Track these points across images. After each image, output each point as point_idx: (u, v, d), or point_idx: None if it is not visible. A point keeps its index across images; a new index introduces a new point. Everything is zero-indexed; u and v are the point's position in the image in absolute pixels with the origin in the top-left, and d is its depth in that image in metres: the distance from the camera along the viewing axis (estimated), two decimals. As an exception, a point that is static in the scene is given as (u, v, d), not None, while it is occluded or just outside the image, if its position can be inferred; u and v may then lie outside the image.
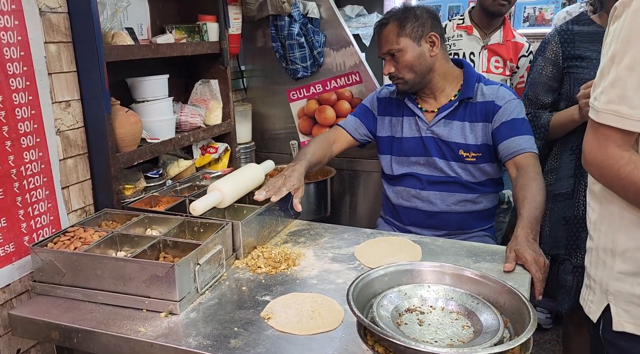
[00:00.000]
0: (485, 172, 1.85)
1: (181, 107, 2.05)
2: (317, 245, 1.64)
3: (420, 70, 1.79)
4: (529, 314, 0.90)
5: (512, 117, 1.76)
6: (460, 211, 1.87)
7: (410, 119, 1.91)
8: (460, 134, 1.82)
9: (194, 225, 1.54)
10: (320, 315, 1.23)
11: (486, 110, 1.80)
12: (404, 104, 1.92)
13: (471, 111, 1.82)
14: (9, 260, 1.36)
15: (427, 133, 1.86)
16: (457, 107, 1.82)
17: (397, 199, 1.96)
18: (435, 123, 1.85)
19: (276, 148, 2.65)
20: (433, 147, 1.86)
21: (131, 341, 1.17)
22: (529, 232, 1.44)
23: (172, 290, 1.25)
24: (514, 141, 1.74)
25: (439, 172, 1.87)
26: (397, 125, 1.94)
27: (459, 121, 1.82)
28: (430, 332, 0.96)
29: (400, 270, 1.09)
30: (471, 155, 1.82)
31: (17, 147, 1.35)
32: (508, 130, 1.76)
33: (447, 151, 1.84)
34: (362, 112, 2.05)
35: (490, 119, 1.79)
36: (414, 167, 1.91)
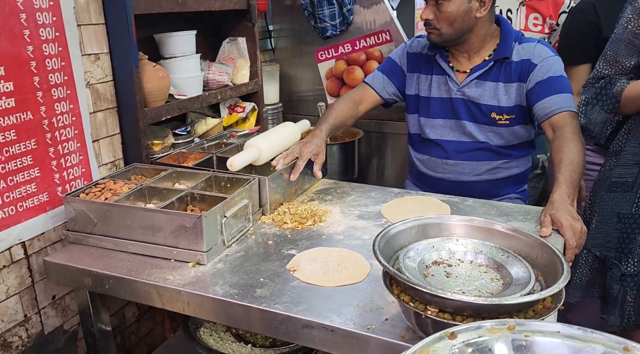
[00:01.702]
0: (517, 134, 1.77)
1: (209, 65, 2.03)
2: (343, 203, 1.63)
3: (459, 28, 1.66)
4: (562, 267, 0.87)
5: (548, 75, 1.65)
6: (490, 179, 1.80)
7: (440, 78, 1.81)
8: (493, 96, 1.73)
9: (221, 180, 1.54)
10: (345, 268, 1.22)
11: (521, 69, 1.69)
12: (434, 61, 1.82)
13: (506, 71, 1.71)
14: (43, 209, 1.40)
15: (457, 94, 1.77)
16: (492, 67, 1.72)
17: (423, 168, 1.89)
18: (467, 84, 1.75)
19: (304, 110, 2.63)
20: (463, 109, 1.77)
21: (160, 287, 1.20)
22: (566, 197, 1.37)
23: (199, 240, 1.26)
24: (550, 100, 1.63)
25: (467, 137, 1.78)
26: (425, 83, 1.84)
27: (492, 82, 1.73)
28: (458, 284, 0.94)
29: (428, 223, 1.06)
30: (504, 117, 1.73)
31: (49, 98, 1.37)
32: (544, 89, 1.65)
33: (478, 114, 1.75)
34: (390, 68, 1.92)
35: (525, 79, 1.69)
36: (441, 131, 1.82)
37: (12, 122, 1.28)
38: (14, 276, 1.35)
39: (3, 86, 1.25)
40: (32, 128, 1.34)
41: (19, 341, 1.38)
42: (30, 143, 1.34)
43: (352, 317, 1.04)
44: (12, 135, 1.29)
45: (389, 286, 0.95)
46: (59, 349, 1.50)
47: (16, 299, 1.36)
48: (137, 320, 1.82)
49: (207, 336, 1.68)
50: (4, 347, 1.34)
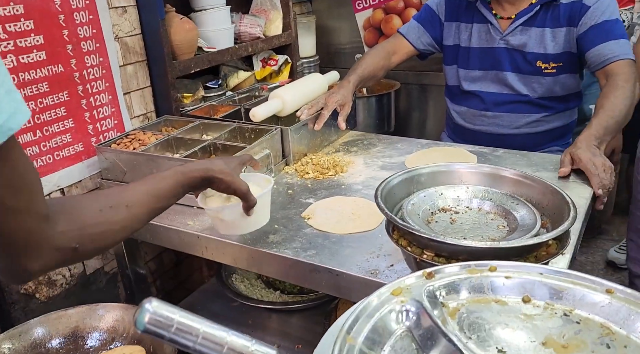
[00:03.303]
0: (564, 85, 1.64)
1: (240, 17, 2.02)
2: (368, 154, 1.61)
3: None
4: (569, 212, 0.82)
5: (602, 19, 1.50)
6: (531, 132, 1.70)
7: (481, 26, 1.69)
8: (539, 43, 1.60)
9: (245, 131, 1.56)
10: (359, 217, 1.22)
11: (571, 11, 1.55)
12: (474, 8, 1.70)
13: (553, 15, 1.57)
14: (79, 158, 1.48)
15: (500, 43, 1.65)
16: (538, 12, 1.59)
17: (460, 120, 1.82)
18: (511, 32, 1.62)
19: (341, 63, 2.58)
20: (506, 59, 1.66)
21: (180, 232, 1.25)
22: (593, 138, 1.29)
23: (218, 188, 1.30)
24: (605, 47, 1.49)
25: (508, 90, 1.68)
26: (465, 32, 1.73)
27: (538, 27, 1.60)
28: (462, 231, 0.91)
29: (436, 170, 1.03)
30: (550, 66, 1.61)
31: (78, 51, 1.42)
32: (598, 34, 1.51)
33: (523, 63, 1.64)
34: (427, 17, 1.82)
35: (575, 23, 1.55)
36: (480, 82, 1.72)
37: (44, 74, 1.35)
38: (55, 220, 1.45)
39: (34, 39, 1.31)
40: (64, 80, 1.40)
41: (63, 279, 1.50)
42: (63, 95, 1.41)
43: (358, 262, 1.05)
44: (45, 87, 1.36)
45: (390, 231, 0.94)
46: (100, 289, 1.63)
47: (58, 241, 1.47)
48: (175, 266, 1.93)
49: (238, 282, 1.76)
50: (49, 284, 1.46)
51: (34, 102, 1.34)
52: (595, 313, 0.58)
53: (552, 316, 0.60)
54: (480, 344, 0.56)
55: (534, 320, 0.59)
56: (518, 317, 0.60)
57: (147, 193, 0.83)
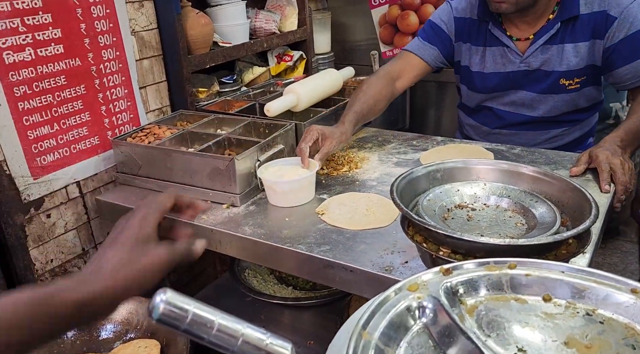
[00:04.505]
0: (588, 97, 1.55)
1: (256, 12, 2.02)
2: (383, 150, 1.59)
3: None
4: (590, 210, 0.80)
5: (632, 30, 1.38)
6: (549, 136, 1.62)
7: (496, 50, 1.55)
8: (561, 60, 1.48)
9: (260, 126, 1.56)
10: (373, 213, 1.21)
11: (595, 23, 1.43)
12: (486, 31, 1.55)
13: (575, 29, 1.45)
14: (94, 151, 1.49)
15: (520, 67, 1.52)
16: (559, 29, 1.46)
17: (472, 134, 1.74)
18: (532, 53, 1.50)
19: (356, 59, 2.56)
20: (525, 81, 1.54)
21: (194, 226, 1.25)
22: (618, 140, 1.25)
23: (232, 183, 1.30)
24: (638, 64, 1.40)
25: (528, 110, 1.58)
26: (476, 55, 1.58)
27: (558, 44, 1.48)
28: (479, 227, 0.89)
29: (452, 166, 1.01)
30: (574, 81, 1.50)
31: (95, 45, 1.43)
32: (629, 49, 1.39)
33: (545, 83, 1.52)
34: (436, 36, 1.64)
35: (602, 35, 1.42)
36: (496, 101, 1.61)
37: (62, 67, 1.36)
38: (71, 212, 1.47)
39: (52, 32, 1.32)
40: (81, 74, 1.41)
41: (79, 271, 1.51)
42: (80, 89, 1.42)
43: (373, 259, 1.04)
44: (62, 80, 1.37)
45: (405, 227, 0.92)
46: (115, 282, 1.63)
47: (74, 233, 1.49)
48: (189, 260, 1.93)
49: (251, 277, 1.76)
50: (65, 275, 1.48)
51: (52, 95, 1.35)
52: (619, 313, 0.56)
53: (574, 315, 0.58)
54: (500, 342, 0.55)
55: (555, 319, 0.58)
56: (538, 316, 0.59)
57: None
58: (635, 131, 1.31)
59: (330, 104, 1.68)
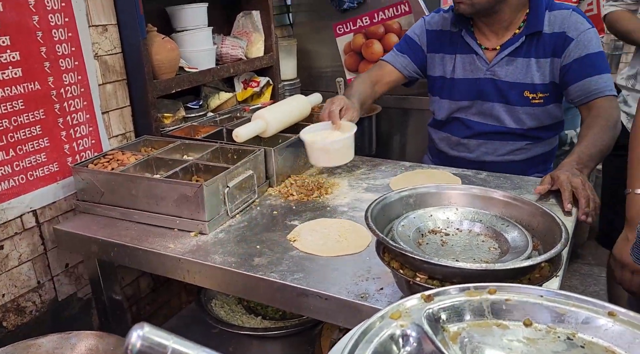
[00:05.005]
0: (551, 114, 1.63)
1: (222, 38, 2.02)
2: (352, 176, 1.60)
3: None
4: (561, 233, 0.82)
5: (586, 52, 1.50)
6: (514, 159, 1.69)
7: (466, 57, 1.66)
8: (526, 73, 1.58)
9: (228, 152, 1.53)
10: (346, 239, 1.20)
11: (556, 43, 1.54)
12: (459, 39, 1.67)
13: (539, 45, 1.56)
14: (53, 178, 1.43)
15: (486, 74, 1.63)
16: (523, 42, 1.57)
17: (442, 146, 1.80)
18: (497, 62, 1.60)
19: (322, 86, 2.58)
20: (491, 90, 1.63)
21: (161, 255, 1.20)
22: (574, 163, 1.31)
23: (200, 210, 1.26)
24: (589, 82, 1.50)
25: (494, 121, 1.66)
26: (450, 64, 1.70)
27: (525, 58, 1.58)
28: (453, 253, 0.90)
29: (425, 191, 1.02)
30: (538, 96, 1.59)
31: (56, 68, 1.38)
32: (582, 68, 1.51)
33: (510, 94, 1.61)
34: (408, 47, 1.77)
35: (560, 54, 1.54)
36: (465, 111, 1.70)
37: (20, 91, 1.30)
38: (26, 243, 1.39)
39: (9, 55, 1.27)
40: (40, 98, 1.36)
41: (33, 306, 1.43)
42: (39, 113, 1.36)
43: (347, 286, 1.02)
44: (20, 104, 1.31)
45: (381, 253, 0.92)
46: (73, 316, 1.55)
47: (29, 265, 1.40)
48: (152, 291, 1.86)
49: (218, 307, 1.70)
50: (17, 311, 1.38)
51: (8, 120, 1.29)
52: (599, 337, 0.57)
53: (555, 340, 0.58)
54: (486, 370, 0.54)
55: (537, 344, 0.58)
56: (520, 341, 0.58)
57: None
58: (588, 154, 1.38)
59: (298, 130, 1.67)
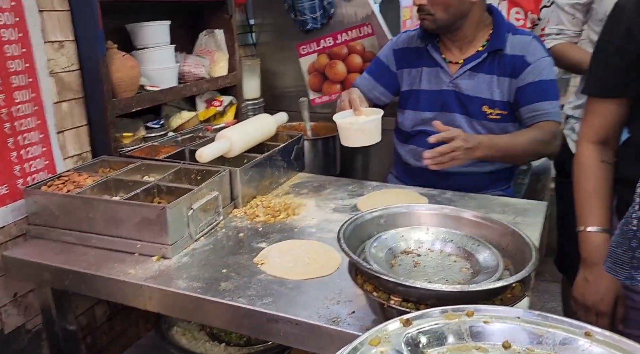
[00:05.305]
0: (506, 132, 1.69)
1: (184, 57, 1.98)
2: (319, 196, 1.58)
3: (454, 13, 1.60)
4: (531, 253, 0.83)
5: (540, 78, 1.60)
6: (476, 171, 1.74)
7: (431, 70, 1.74)
8: (487, 89, 1.66)
9: (191, 172, 1.49)
10: (315, 261, 1.18)
11: (515, 64, 1.63)
12: (425, 53, 1.75)
13: (500, 63, 1.65)
14: (2, 202, 1.34)
15: (449, 86, 1.70)
16: (485, 59, 1.66)
17: (408, 158, 1.84)
18: (460, 75, 1.68)
19: (286, 105, 2.57)
20: (454, 101, 1.71)
21: (120, 282, 1.14)
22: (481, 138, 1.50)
23: (163, 233, 1.21)
24: (539, 106, 1.59)
25: None
26: (416, 76, 1.78)
27: (486, 74, 1.66)
28: (425, 274, 0.89)
29: (396, 212, 1.02)
30: (495, 112, 1.67)
31: (7, 85, 1.31)
32: (535, 92, 1.61)
33: (470, 106, 1.69)
34: (377, 69, 1.86)
35: (517, 75, 1.63)
36: (429, 124, 1.72)
37: (-33, 110, 1.23)
38: (-29, 272, 1.29)
39: (-44, 72, 1.19)
40: (-10, 117, 1.28)
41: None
42: (-13, 133, 1.28)
43: (318, 310, 0.99)
44: (-33, 123, 1.23)
45: (354, 276, 0.90)
46: (21, 350, 1.44)
47: (-27, 296, 1.30)
48: (108, 319, 1.76)
49: (179, 335, 1.63)
50: (-41, 346, 1.28)
51: (-47, 140, 1.20)
52: (578, 357, 0.57)
53: (535, 361, 0.58)
54: (470, 397, 0.53)
55: (518, 367, 0.57)
56: (501, 365, 0.58)
57: None
58: (502, 145, 1.55)
59: (264, 150, 1.65)
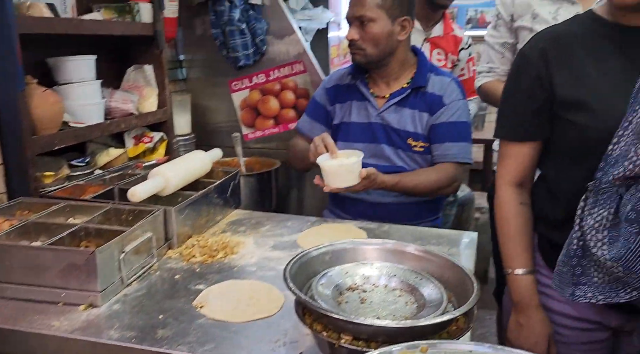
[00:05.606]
0: (430, 163, 1.81)
1: (111, 92, 1.91)
2: (257, 233, 1.55)
3: (383, 49, 1.71)
4: (472, 286, 0.85)
5: (453, 120, 1.74)
6: (407, 201, 1.81)
7: (360, 104, 1.83)
8: (411, 122, 1.77)
9: (122, 213, 1.41)
10: (258, 301, 1.14)
11: (433, 102, 1.76)
12: (355, 88, 1.85)
13: (422, 100, 1.77)
14: None
15: (376, 119, 1.80)
16: (409, 95, 1.77)
17: None
18: (386, 109, 1.78)
19: (218, 141, 2.54)
20: (382, 134, 1.80)
21: (41, 336, 1.04)
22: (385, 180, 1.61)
23: (92, 280, 1.13)
24: (448, 146, 1.73)
25: (385, 161, 1.80)
26: (347, 110, 1.87)
27: (410, 109, 1.77)
28: (373, 310, 0.89)
29: (341, 248, 1.02)
30: (419, 144, 1.78)
31: None
32: (447, 132, 1.74)
33: (396, 139, 1.79)
34: (314, 110, 1.95)
35: (433, 113, 1.75)
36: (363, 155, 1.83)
37: None
38: None
39: None
40: None
41: None
42: None
43: (264, 354, 0.96)
44: None
45: (302, 316, 0.88)
46: None
47: None
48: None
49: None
50: None
51: None
52: (529, 387, 0.59)
53: (490, 394, 0.59)
54: None
55: (474, 401, 0.58)
56: (458, 399, 0.58)
57: None
58: (403, 185, 1.67)
59: (199, 187, 1.61)
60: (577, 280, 0.85)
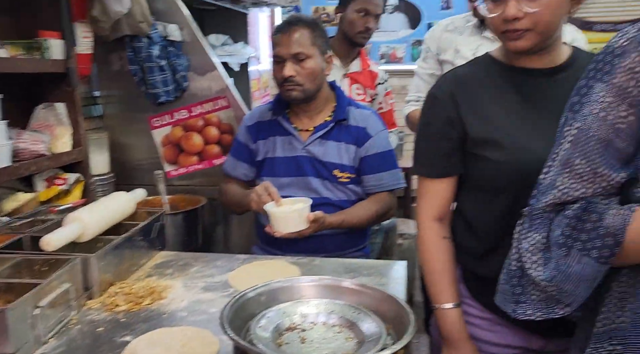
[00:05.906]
0: (356, 193, 1.87)
1: (18, 133, 1.78)
2: (186, 276, 1.49)
3: (317, 84, 1.78)
4: (408, 317, 0.88)
5: (381, 150, 1.83)
6: (337, 232, 1.83)
7: (284, 139, 1.86)
8: (336, 154, 1.82)
9: (34, 264, 1.30)
10: (192, 349, 1.09)
11: (358, 135, 1.83)
12: (276, 123, 1.87)
13: (346, 132, 1.83)
14: None
15: (302, 152, 1.83)
16: (333, 127, 1.83)
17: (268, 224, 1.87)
18: (311, 142, 1.83)
19: (139, 179, 2.43)
20: (308, 166, 1.83)
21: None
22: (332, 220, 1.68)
23: (3, 341, 1.02)
24: (379, 177, 1.82)
25: (313, 193, 1.82)
26: (271, 145, 1.88)
27: (335, 141, 1.82)
28: (314, 349, 0.89)
29: (277, 287, 1.02)
30: (345, 176, 1.83)
31: None
32: (376, 163, 1.82)
33: (323, 171, 1.83)
34: (237, 149, 1.96)
35: (360, 145, 1.82)
36: (287, 189, 1.84)
37: None
38: None
39: None
40: None
41: None
42: None
43: (201, 406, 0.91)
44: None
45: (241, 362, 0.86)
46: None
47: None
48: None
49: None
50: None
51: None
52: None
53: None
54: None
55: None
56: None
57: None
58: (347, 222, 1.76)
59: (121, 230, 1.52)
60: (518, 298, 0.92)
